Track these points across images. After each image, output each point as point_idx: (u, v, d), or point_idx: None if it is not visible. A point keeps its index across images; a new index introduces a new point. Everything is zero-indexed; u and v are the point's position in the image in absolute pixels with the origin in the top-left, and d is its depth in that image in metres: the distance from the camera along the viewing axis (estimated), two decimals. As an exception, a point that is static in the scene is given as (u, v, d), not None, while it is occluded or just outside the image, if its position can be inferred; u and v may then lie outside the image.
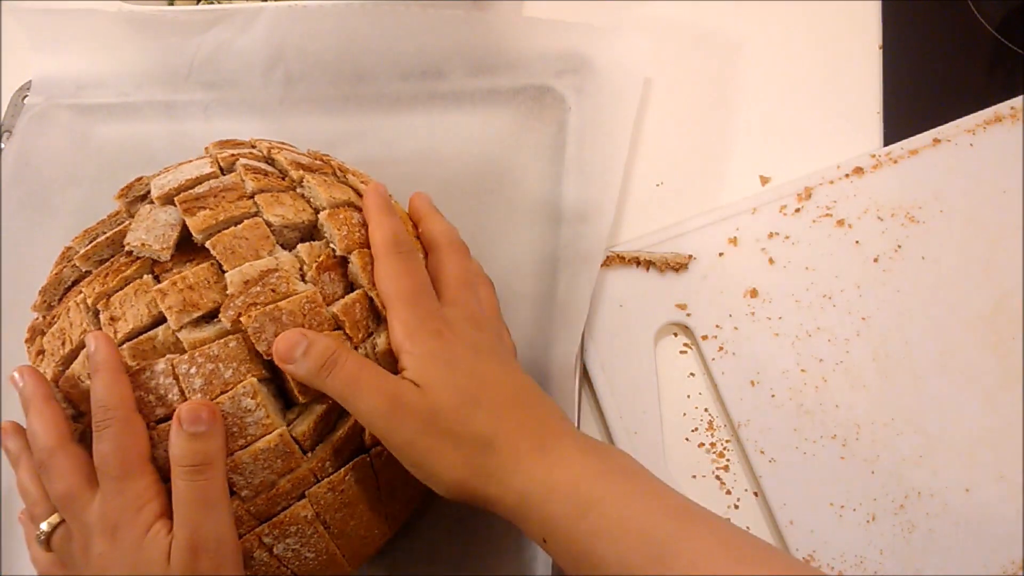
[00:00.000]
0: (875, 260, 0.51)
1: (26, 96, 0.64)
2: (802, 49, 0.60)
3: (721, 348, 0.51)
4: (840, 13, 0.60)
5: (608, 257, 0.53)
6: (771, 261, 0.52)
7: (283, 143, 0.51)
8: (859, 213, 0.53)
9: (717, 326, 0.51)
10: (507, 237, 0.55)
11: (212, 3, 0.61)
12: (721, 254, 0.53)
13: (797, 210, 0.53)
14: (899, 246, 0.52)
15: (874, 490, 0.46)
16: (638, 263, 0.53)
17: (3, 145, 0.62)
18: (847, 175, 0.54)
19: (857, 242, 0.52)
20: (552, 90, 0.58)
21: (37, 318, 0.46)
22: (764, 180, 0.56)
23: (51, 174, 0.62)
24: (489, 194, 0.56)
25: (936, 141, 0.54)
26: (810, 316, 0.51)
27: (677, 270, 0.53)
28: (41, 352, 0.44)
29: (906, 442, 0.47)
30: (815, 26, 0.60)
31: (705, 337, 0.51)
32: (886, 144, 0.55)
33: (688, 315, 0.52)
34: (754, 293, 0.52)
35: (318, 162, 0.48)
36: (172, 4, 0.62)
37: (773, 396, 0.49)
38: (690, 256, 0.53)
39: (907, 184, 0.53)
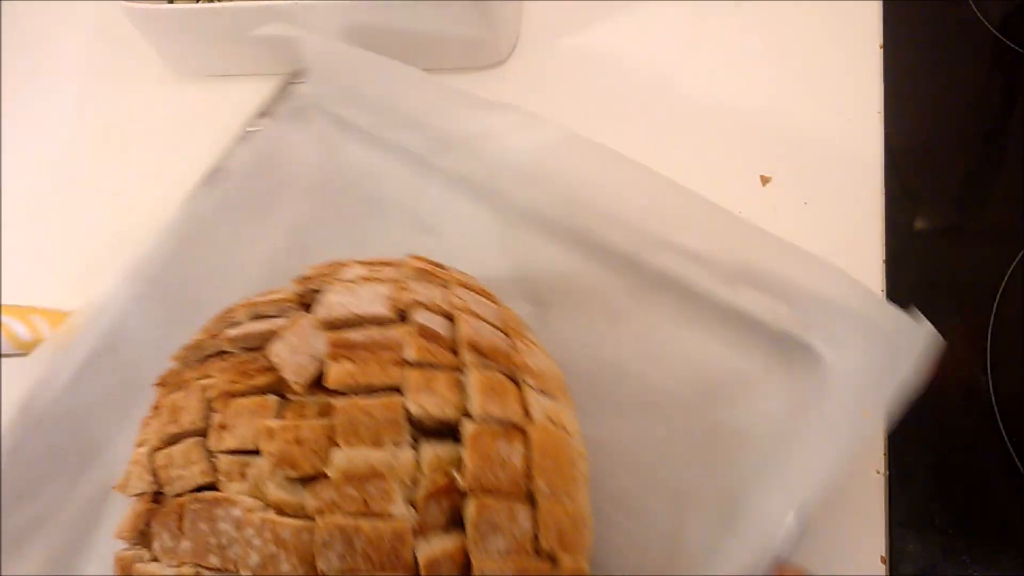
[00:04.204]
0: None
1: (294, 83, 0.57)
2: (802, 48, 0.60)
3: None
4: (840, 12, 0.60)
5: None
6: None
7: (483, 291, 0.44)
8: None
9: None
10: None
11: (211, 2, 0.61)
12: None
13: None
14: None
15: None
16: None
17: (259, 129, 0.56)
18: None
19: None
20: None
21: (175, 366, 0.43)
22: (764, 180, 0.56)
23: (284, 176, 0.57)
24: None
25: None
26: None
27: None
28: (159, 407, 0.41)
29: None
30: (815, 25, 0.60)
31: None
32: (887, 143, 0.55)
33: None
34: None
35: (500, 336, 0.41)
36: (171, 3, 0.62)
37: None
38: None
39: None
